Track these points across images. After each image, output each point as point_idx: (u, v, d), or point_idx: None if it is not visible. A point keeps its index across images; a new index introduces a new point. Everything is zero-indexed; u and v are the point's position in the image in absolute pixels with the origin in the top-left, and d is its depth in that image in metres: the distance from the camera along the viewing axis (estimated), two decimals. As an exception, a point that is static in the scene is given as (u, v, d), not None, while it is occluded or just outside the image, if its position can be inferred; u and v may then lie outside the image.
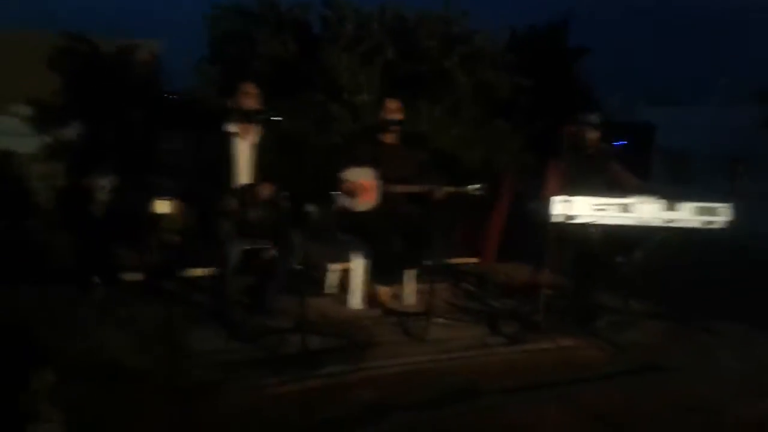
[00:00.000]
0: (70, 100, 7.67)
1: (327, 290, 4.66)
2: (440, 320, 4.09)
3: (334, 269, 4.73)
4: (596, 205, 3.97)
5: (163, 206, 6.61)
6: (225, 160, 3.95)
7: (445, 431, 2.70)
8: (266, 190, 3.95)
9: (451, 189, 4.32)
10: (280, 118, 3.91)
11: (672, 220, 4.00)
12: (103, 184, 7.75)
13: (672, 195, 4.09)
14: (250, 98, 3.95)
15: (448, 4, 6.46)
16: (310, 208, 4.88)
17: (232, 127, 3.99)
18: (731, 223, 3.95)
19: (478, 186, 4.37)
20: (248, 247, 4.00)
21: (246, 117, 3.97)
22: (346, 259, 4.52)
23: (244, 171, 4.01)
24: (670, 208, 4.00)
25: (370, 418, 2.74)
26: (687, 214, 4.00)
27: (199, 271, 4.26)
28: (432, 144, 6.15)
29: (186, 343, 3.43)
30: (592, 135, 4.46)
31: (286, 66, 6.52)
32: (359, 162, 4.40)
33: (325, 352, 3.44)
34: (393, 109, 4.50)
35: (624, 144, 5.92)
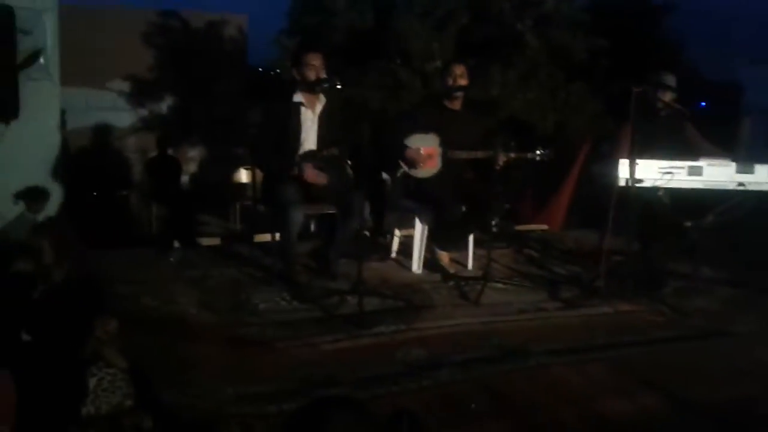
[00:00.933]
0: (163, 75, 8.14)
1: (392, 255, 4.78)
2: (499, 285, 4.13)
3: (399, 235, 4.84)
4: (663, 168, 3.85)
5: (244, 175, 6.97)
6: (291, 130, 4.10)
7: (489, 388, 2.75)
8: (330, 153, 4.08)
9: (512, 155, 4.29)
10: (340, 86, 4.00)
11: (745, 183, 3.82)
12: (192, 155, 8.23)
13: (754, 159, 3.90)
14: (312, 69, 4.07)
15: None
16: (384, 175, 5.01)
17: (297, 97, 4.13)
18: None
19: (540, 152, 4.32)
20: (312, 213, 4.18)
21: (309, 87, 4.10)
22: (411, 225, 4.61)
23: (309, 139, 4.15)
24: (744, 171, 3.82)
25: (416, 374, 2.83)
26: (762, 177, 3.81)
27: (269, 236, 4.47)
28: (504, 109, 6.10)
29: (250, 301, 3.65)
30: (665, 96, 4.29)
31: (361, 35, 6.61)
32: (423, 129, 4.44)
33: (380, 313, 3.57)
34: (458, 75, 4.49)
35: (703, 106, 5.64)
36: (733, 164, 3.83)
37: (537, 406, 2.60)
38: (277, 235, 4.08)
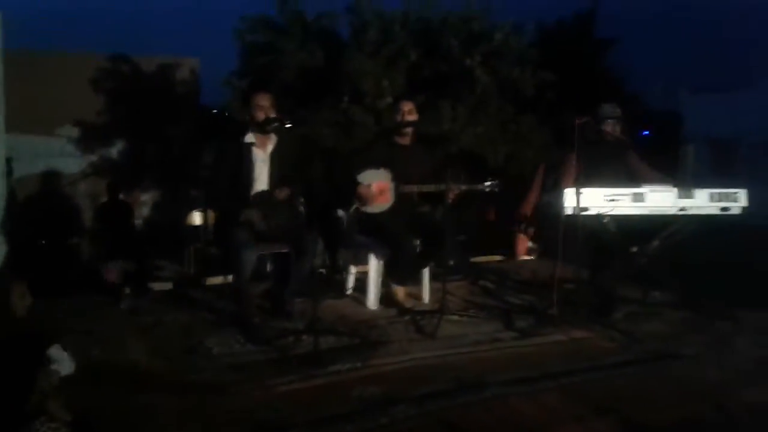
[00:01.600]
0: (113, 120, 8.06)
1: (348, 292, 4.77)
2: (454, 317, 4.15)
3: (354, 271, 4.84)
4: (608, 195, 3.96)
5: (197, 218, 6.90)
6: (243, 170, 4.10)
7: (446, 422, 2.74)
8: (281, 193, 4.08)
9: (463, 187, 4.35)
10: (289, 125, 4.03)
11: (686, 208, 3.95)
12: (145, 199, 8.12)
13: (696, 184, 4.04)
14: (261, 109, 4.09)
15: (470, 2, 6.50)
16: (340, 213, 5.02)
17: (248, 138, 4.14)
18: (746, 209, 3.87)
19: (490, 183, 4.39)
20: (265, 253, 4.15)
21: (259, 127, 4.11)
22: (366, 261, 4.62)
23: (261, 179, 4.15)
24: (684, 196, 3.95)
25: (372, 411, 2.81)
26: (702, 202, 3.94)
27: (222, 279, 4.43)
28: (456, 143, 6.21)
29: (203, 346, 3.59)
30: (608, 126, 4.42)
31: (312, 75, 6.69)
32: (374, 164, 4.49)
33: (336, 351, 3.54)
34: (406, 111, 4.56)
35: (646, 134, 5.84)
36: (675, 190, 3.96)
37: (493, 437, 2.60)
38: (230, 277, 4.04)
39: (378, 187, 4.42)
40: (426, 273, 4.69)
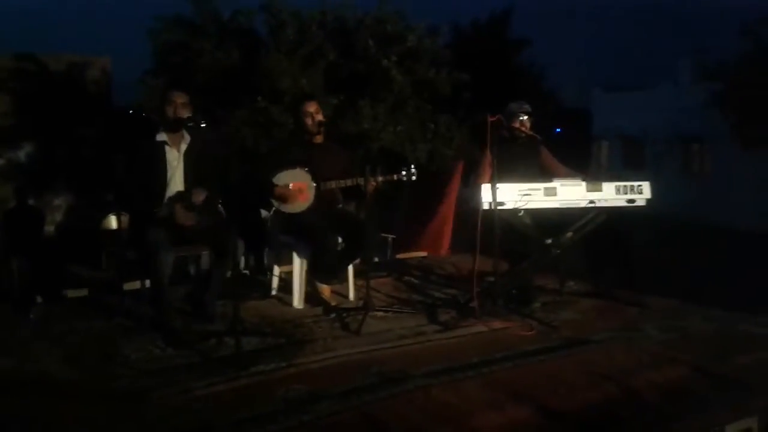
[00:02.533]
0: (20, 121, 7.70)
1: (273, 292, 4.73)
2: (379, 313, 4.19)
3: (279, 271, 4.80)
4: (522, 190, 4.09)
5: (113, 221, 6.67)
6: (156, 169, 3.99)
7: (369, 416, 2.77)
8: (199, 196, 4.00)
9: (380, 178, 4.39)
10: (204, 124, 3.96)
11: (595, 201, 4.13)
12: (57, 204, 7.80)
13: (608, 178, 4.23)
14: (174, 106, 4.00)
15: (383, 4, 6.58)
16: (263, 212, 4.96)
17: (161, 136, 4.04)
18: (649, 200, 4.09)
19: (405, 171, 4.43)
20: (183, 255, 4.07)
21: (173, 125, 4.02)
22: (291, 261, 4.59)
23: (176, 179, 4.05)
24: (593, 190, 4.13)
25: (296, 410, 2.80)
26: (609, 194, 4.13)
27: (139, 284, 4.30)
28: (376, 142, 6.26)
29: (120, 353, 3.48)
30: (518, 124, 4.56)
31: (229, 74, 6.60)
32: (290, 164, 4.47)
33: (260, 352, 3.51)
34: (314, 112, 4.54)
35: (559, 131, 6.08)
36: (584, 183, 4.14)
37: (414, 428, 2.65)
38: (148, 282, 3.93)
39: (296, 186, 4.41)
40: (350, 270, 4.70)
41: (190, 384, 3.07)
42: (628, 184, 4.13)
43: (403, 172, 4.43)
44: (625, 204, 4.15)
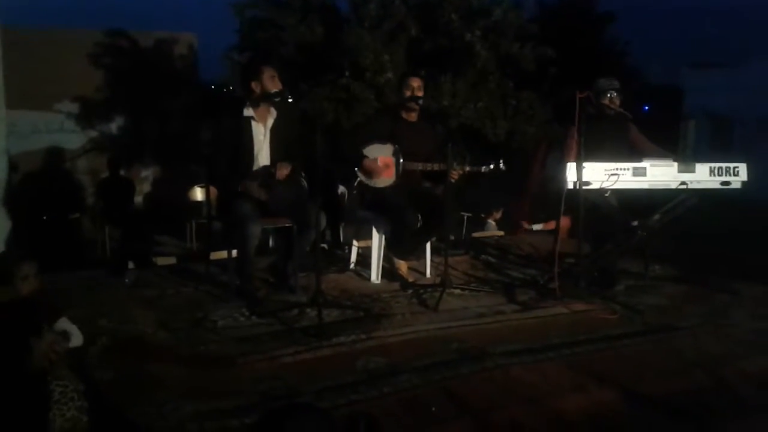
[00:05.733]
0: (112, 95, 8.04)
1: (351, 266, 4.80)
2: (456, 291, 4.18)
3: (357, 245, 4.86)
4: (609, 170, 3.97)
5: (198, 193, 6.91)
6: (244, 145, 4.09)
7: (448, 391, 2.78)
8: (284, 170, 4.07)
9: (467, 168, 4.35)
10: (291, 99, 4.01)
11: (687, 182, 3.97)
12: (145, 175, 8.13)
13: (696, 159, 4.05)
14: (265, 81, 4.05)
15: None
16: (341, 188, 5.03)
17: (248, 112, 4.12)
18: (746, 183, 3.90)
19: (493, 165, 4.37)
20: (268, 227, 4.17)
21: (260, 101, 4.09)
22: (369, 236, 4.64)
23: (263, 153, 4.14)
24: (685, 171, 3.97)
25: (376, 381, 2.85)
26: (703, 176, 3.96)
27: (225, 253, 4.45)
28: (455, 118, 6.21)
29: (208, 319, 3.63)
30: (607, 100, 4.42)
31: (312, 50, 6.67)
32: (380, 139, 4.48)
33: (340, 324, 3.58)
34: (415, 87, 4.52)
35: (646, 109, 5.84)
36: (675, 164, 3.98)
37: (495, 406, 2.64)
38: (234, 252, 4.06)
39: (383, 161, 4.43)
40: (428, 247, 4.71)
41: (275, 352, 3.17)
42: (723, 165, 3.94)
43: (491, 165, 4.36)
44: (719, 186, 3.97)
